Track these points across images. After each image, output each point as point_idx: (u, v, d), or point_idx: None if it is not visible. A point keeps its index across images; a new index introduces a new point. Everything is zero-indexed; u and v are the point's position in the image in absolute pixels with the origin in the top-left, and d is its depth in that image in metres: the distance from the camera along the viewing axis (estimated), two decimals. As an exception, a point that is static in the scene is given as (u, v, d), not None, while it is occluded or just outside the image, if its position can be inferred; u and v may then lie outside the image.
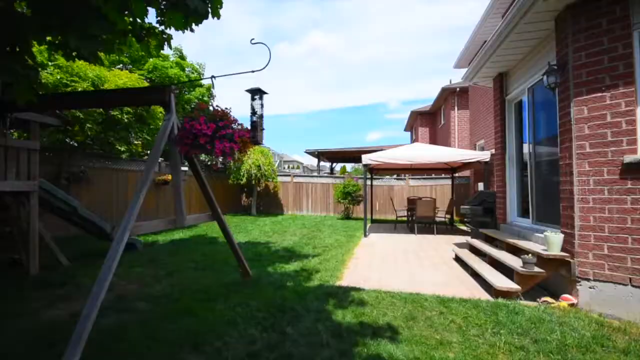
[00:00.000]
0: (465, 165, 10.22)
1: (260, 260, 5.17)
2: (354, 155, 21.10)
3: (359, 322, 2.84)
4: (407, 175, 14.27)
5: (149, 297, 3.48)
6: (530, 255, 3.57)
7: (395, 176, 16.21)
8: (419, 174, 14.25)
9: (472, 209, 5.84)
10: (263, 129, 3.33)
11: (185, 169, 8.59)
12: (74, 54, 3.88)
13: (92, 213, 5.05)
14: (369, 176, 10.90)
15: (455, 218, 11.22)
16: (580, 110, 3.42)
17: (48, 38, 3.36)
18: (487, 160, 7.85)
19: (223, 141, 2.49)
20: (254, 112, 3.34)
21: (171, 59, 12.95)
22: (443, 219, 10.25)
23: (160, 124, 7.62)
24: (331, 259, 5.42)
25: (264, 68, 2.88)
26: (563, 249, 3.51)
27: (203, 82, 14.04)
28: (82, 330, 1.96)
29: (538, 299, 3.60)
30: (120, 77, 6.96)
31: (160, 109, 7.75)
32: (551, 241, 3.47)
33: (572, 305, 3.39)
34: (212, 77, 2.91)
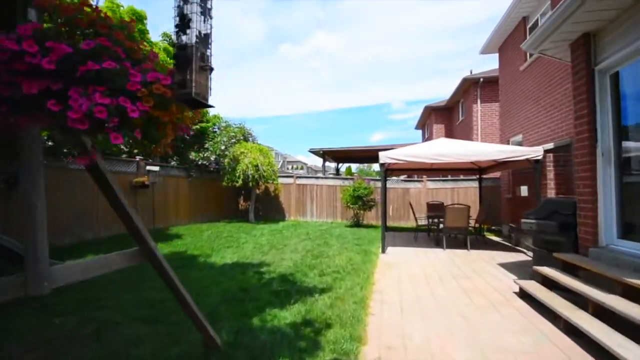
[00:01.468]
0: (499, 165, 8.59)
1: (244, 300, 3.59)
2: (362, 155, 19.54)
3: None
4: (424, 176, 12.64)
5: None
6: None
7: (403, 177, 14.56)
8: (435, 175, 12.60)
9: (541, 224, 4.22)
10: (210, 69, 1.60)
11: (155, 168, 7.06)
12: None
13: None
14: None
15: (482, 227, 9.52)
16: None
17: None
18: (539, 158, 6.22)
19: (93, 91, 0.95)
20: (183, 25, 1.40)
21: (155, 40, 11.44)
22: (470, 228, 8.59)
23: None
24: (346, 295, 3.84)
25: None
26: None
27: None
28: None
29: None
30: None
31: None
32: None
33: None
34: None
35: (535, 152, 6.24)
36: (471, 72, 14.25)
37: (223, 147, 11.15)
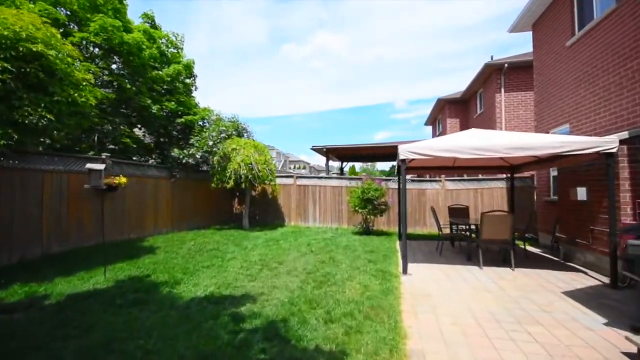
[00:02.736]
0: (542, 162, 7.05)
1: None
2: (368, 153, 18.03)
3: None
4: (442, 175, 11.13)
5: None
6: None
7: (410, 177, 13.03)
8: (449, 173, 11.10)
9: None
10: None
11: (98, 167, 5.62)
12: None
13: None
14: (398, 177, 7.63)
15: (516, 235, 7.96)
16: None
17: None
18: (613, 150, 4.71)
19: None
20: None
21: (137, 24, 10.00)
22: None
23: (73, 92, 4.62)
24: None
25: None
26: None
27: (182, 58, 11.11)
28: None
29: None
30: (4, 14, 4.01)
31: (77, 74, 4.77)
32: None
33: None
34: None
35: (608, 143, 4.71)
36: (492, 58, 12.69)
37: (211, 143, 9.68)
